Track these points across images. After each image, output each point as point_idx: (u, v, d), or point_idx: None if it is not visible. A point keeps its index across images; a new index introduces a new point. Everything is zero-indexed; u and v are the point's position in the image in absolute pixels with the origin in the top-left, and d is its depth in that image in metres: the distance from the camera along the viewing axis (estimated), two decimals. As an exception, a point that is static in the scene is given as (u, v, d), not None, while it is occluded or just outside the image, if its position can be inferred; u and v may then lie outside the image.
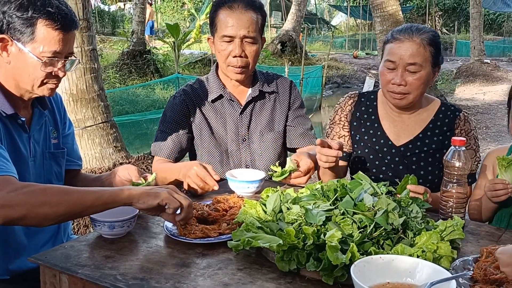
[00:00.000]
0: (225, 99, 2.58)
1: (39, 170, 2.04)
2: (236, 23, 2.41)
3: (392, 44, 2.30)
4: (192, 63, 16.63)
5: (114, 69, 14.57)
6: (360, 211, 1.67)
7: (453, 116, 2.43)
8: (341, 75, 18.45)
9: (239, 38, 2.41)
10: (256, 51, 2.48)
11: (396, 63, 2.27)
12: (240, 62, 2.44)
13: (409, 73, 2.27)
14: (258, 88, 2.59)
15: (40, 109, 2.05)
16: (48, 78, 1.89)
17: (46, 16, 1.80)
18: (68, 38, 1.86)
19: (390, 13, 9.55)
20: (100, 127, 4.66)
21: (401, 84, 2.27)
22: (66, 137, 2.24)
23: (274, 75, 2.72)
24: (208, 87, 2.60)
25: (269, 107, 2.63)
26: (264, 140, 2.61)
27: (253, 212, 1.84)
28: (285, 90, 2.67)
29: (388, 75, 2.31)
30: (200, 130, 2.58)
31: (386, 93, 2.36)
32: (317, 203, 1.78)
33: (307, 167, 2.25)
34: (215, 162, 2.58)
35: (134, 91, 12.45)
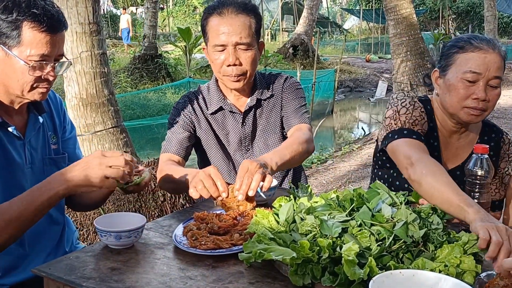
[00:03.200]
0: (226, 111, 2.48)
1: (39, 177, 1.97)
2: (227, 30, 2.26)
3: (473, 53, 2.04)
4: (204, 67, 16.62)
5: (125, 74, 14.63)
6: (378, 223, 1.59)
7: (497, 137, 2.29)
8: (353, 79, 18.35)
9: (232, 46, 2.26)
10: (252, 57, 2.32)
11: (482, 75, 2.02)
12: (236, 70, 2.30)
13: (490, 88, 2.05)
14: (256, 96, 2.47)
15: (35, 114, 1.98)
16: (38, 82, 1.81)
17: (31, 18, 1.71)
18: (56, 40, 1.78)
19: (404, 16, 9.44)
20: (110, 132, 4.61)
21: (485, 100, 2.04)
22: (67, 142, 2.17)
23: (272, 77, 2.57)
24: (209, 98, 2.50)
25: (266, 112, 2.52)
26: (266, 146, 2.51)
27: (265, 222, 1.76)
28: (279, 89, 2.53)
29: (469, 88, 2.05)
30: (206, 138, 2.51)
31: (461, 109, 2.08)
32: (333, 213, 1.70)
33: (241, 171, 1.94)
34: (222, 172, 2.52)
35: (145, 95, 12.47)
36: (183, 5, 33.86)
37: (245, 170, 1.93)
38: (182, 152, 2.44)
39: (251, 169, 1.93)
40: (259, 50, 2.40)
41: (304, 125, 2.45)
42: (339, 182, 6.11)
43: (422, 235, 1.55)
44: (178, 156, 2.43)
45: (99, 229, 1.70)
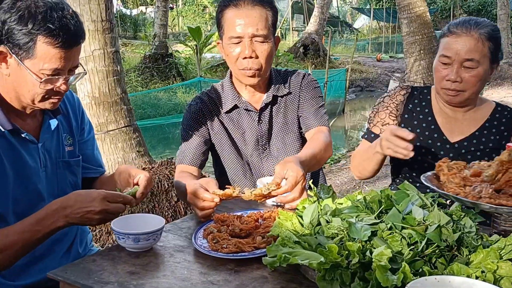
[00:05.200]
0: (241, 109, 2.42)
1: (52, 180, 1.93)
2: (244, 21, 2.21)
3: (448, 38, 2.20)
4: (214, 67, 16.59)
5: (136, 73, 14.62)
6: (409, 226, 1.52)
7: (510, 115, 2.34)
8: (364, 78, 18.23)
9: (248, 38, 2.22)
10: (268, 51, 2.26)
11: (452, 58, 2.17)
12: (252, 63, 2.24)
13: (465, 69, 2.17)
14: (272, 93, 2.41)
15: (50, 115, 1.93)
16: (50, 94, 1.76)
17: (46, 33, 1.64)
18: (71, 54, 1.71)
19: (418, 14, 9.34)
20: (123, 131, 4.55)
21: (456, 81, 2.18)
22: (85, 143, 2.12)
23: (288, 73, 2.51)
24: (223, 96, 2.44)
25: (282, 109, 2.45)
26: (283, 145, 2.45)
27: (289, 224, 1.70)
28: (297, 86, 2.46)
29: (442, 71, 2.21)
30: (220, 140, 2.45)
31: (440, 90, 2.27)
32: (360, 216, 1.63)
33: (294, 180, 1.87)
34: (237, 173, 2.47)
35: (156, 94, 12.45)
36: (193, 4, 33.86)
37: (295, 180, 1.89)
38: (197, 161, 2.39)
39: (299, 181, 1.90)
40: (275, 45, 2.35)
41: (325, 128, 2.40)
42: (353, 182, 6.02)
43: (456, 239, 1.47)
44: (193, 166, 2.38)
45: (117, 231, 1.65)
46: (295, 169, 1.89)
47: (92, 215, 1.67)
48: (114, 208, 1.69)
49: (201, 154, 2.40)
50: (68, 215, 1.68)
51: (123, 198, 1.72)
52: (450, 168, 1.74)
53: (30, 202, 1.83)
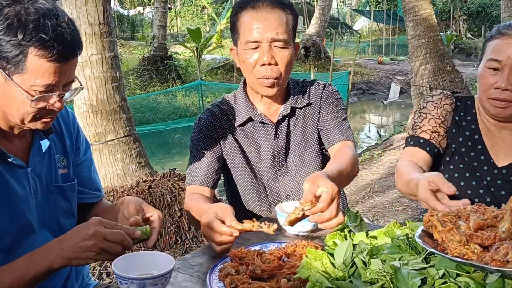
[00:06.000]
0: (256, 122, 2.20)
1: (43, 209, 1.69)
2: (262, 25, 2.01)
3: (498, 40, 1.94)
4: (214, 69, 16.37)
5: (134, 75, 14.41)
6: (465, 272, 1.28)
7: None
8: (366, 81, 18.03)
9: (267, 42, 2.01)
10: (288, 58, 2.06)
11: (503, 62, 1.91)
12: (270, 71, 2.03)
13: None
14: (291, 104, 2.19)
15: (41, 136, 1.69)
16: (42, 113, 1.54)
17: (39, 45, 1.41)
18: (66, 68, 1.49)
19: (423, 17, 9.11)
20: (122, 141, 4.30)
21: (507, 89, 1.90)
22: (81, 165, 1.88)
23: (307, 84, 2.29)
24: (236, 108, 2.22)
25: (301, 122, 2.23)
26: (302, 162, 2.23)
27: (318, 265, 1.47)
28: (318, 95, 2.25)
29: (490, 78, 1.94)
30: (232, 157, 2.23)
31: (486, 101, 1.99)
32: (404, 257, 1.40)
33: (330, 196, 1.62)
34: (251, 194, 2.25)
35: (155, 97, 12.25)
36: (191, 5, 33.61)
37: (330, 197, 1.62)
38: (209, 181, 2.17)
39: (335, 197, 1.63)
40: (295, 51, 2.13)
41: (350, 142, 2.18)
42: (362, 192, 5.80)
43: (524, 290, 1.24)
44: (204, 186, 2.17)
45: (119, 275, 1.42)
46: (329, 185, 1.63)
47: (85, 242, 1.44)
48: (111, 234, 1.46)
49: (214, 173, 2.19)
50: (63, 248, 1.46)
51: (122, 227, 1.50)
52: (443, 223, 1.35)
53: (18, 234, 1.61)
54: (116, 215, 1.72)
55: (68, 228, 1.63)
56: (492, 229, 1.31)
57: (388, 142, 8.59)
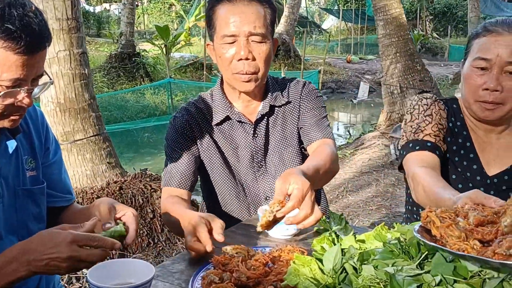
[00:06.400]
0: (234, 121, 2.13)
1: (10, 214, 1.58)
2: (239, 18, 1.94)
3: (485, 38, 1.81)
4: (183, 67, 16.20)
5: (101, 73, 14.16)
6: (462, 279, 1.23)
7: None
8: (335, 80, 18.12)
9: (244, 36, 1.94)
10: (267, 52, 1.98)
11: (492, 61, 1.78)
12: (248, 66, 1.95)
13: (507, 76, 1.78)
14: (269, 102, 2.12)
15: (7, 136, 1.58)
16: (9, 111, 1.43)
17: (5, 36, 1.30)
18: (35, 61, 1.39)
19: (394, 16, 9.17)
20: (92, 140, 4.15)
21: (496, 90, 1.78)
22: (51, 167, 1.77)
23: (286, 81, 2.22)
24: (213, 106, 2.14)
25: (280, 120, 2.16)
26: (282, 162, 2.16)
27: (307, 271, 1.40)
28: (297, 93, 2.18)
29: (478, 78, 1.81)
30: (209, 158, 2.14)
31: (473, 104, 1.86)
32: (397, 263, 1.33)
33: (301, 193, 1.54)
34: (230, 196, 2.17)
35: (123, 96, 12.03)
36: (159, 2, 33.23)
37: (301, 193, 1.53)
38: (186, 183, 2.08)
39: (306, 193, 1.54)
40: (273, 47, 2.06)
41: (329, 140, 2.11)
42: (336, 191, 5.78)
43: (523, 296, 1.19)
44: (182, 189, 2.08)
45: (95, 285, 1.32)
46: (299, 181, 1.55)
47: (58, 263, 1.33)
48: (87, 256, 1.35)
49: (191, 174, 2.10)
50: (30, 263, 1.34)
51: (100, 242, 1.37)
52: (441, 219, 1.30)
53: None
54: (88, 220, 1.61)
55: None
56: (492, 225, 1.25)
57: (359, 141, 8.61)
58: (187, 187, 2.08)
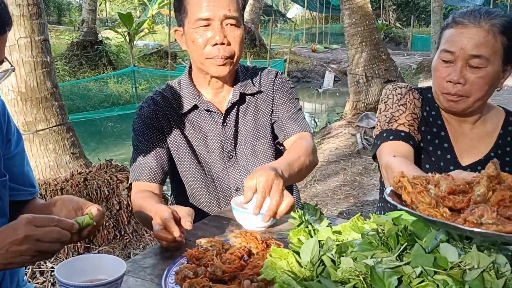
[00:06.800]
0: (202, 110, 2.08)
1: None
2: (213, 2, 1.91)
3: (452, 29, 1.82)
4: (147, 55, 15.95)
5: (63, 61, 13.84)
6: (443, 270, 1.21)
7: None
8: (301, 69, 18.14)
9: (219, 20, 1.91)
10: (240, 37, 1.96)
11: (456, 54, 1.78)
12: (223, 51, 1.92)
13: (470, 69, 1.78)
14: (239, 90, 2.08)
15: None
16: None
17: None
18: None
19: (359, 5, 9.19)
20: (55, 130, 4.01)
21: (459, 83, 1.79)
22: (12, 159, 1.68)
23: (257, 70, 2.19)
24: (180, 95, 2.09)
25: (252, 111, 2.12)
26: (253, 153, 2.12)
27: (284, 264, 1.37)
28: (270, 83, 2.14)
29: (443, 70, 1.82)
30: (177, 149, 2.09)
31: (440, 95, 1.87)
32: (376, 254, 1.31)
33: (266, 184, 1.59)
34: (199, 188, 2.11)
35: (85, 84, 11.79)
36: (121, -11, 32.61)
37: (267, 184, 1.58)
38: (157, 177, 2.03)
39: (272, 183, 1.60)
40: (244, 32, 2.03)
41: (306, 133, 2.09)
42: (304, 181, 5.77)
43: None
44: (152, 183, 2.02)
45: (63, 282, 1.26)
46: (263, 174, 1.62)
47: (17, 246, 1.27)
48: (44, 235, 1.28)
49: (161, 167, 2.04)
50: None
51: (58, 222, 1.31)
52: (413, 185, 1.30)
53: None
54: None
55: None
56: (463, 195, 1.26)
57: (326, 130, 8.63)
58: (157, 180, 2.02)
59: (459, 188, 1.26)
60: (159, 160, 2.03)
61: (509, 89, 10.01)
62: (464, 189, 1.26)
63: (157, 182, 2.02)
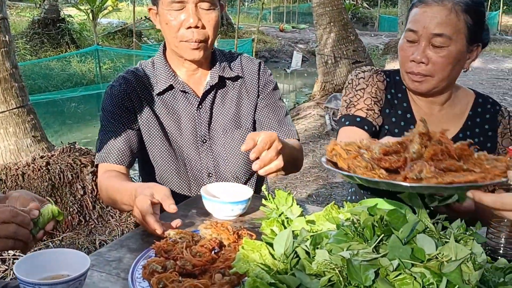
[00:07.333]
0: (177, 91, 2.02)
1: None
2: None
3: (417, 9, 1.79)
4: (111, 34, 15.61)
5: (23, 40, 13.41)
6: (420, 262, 1.18)
7: (493, 109, 1.96)
8: (269, 49, 18.03)
9: (193, 3, 1.86)
10: (215, 20, 1.91)
11: (419, 33, 1.76)
12: (197, 34, 1.88)
13: (433, 49, 1.76)
14: (218, 73, 2.03)
15: None
16: None
17: None
18: None
19: (328, -15, 9.13)
20: (15, 113, 3.84)
21: (422, 62, 1.78)
22: None
23: (237, 55, 2.16)
24: (154, 75, 2.03)
25: (234, 97, 2.08)
26: (230, 140, 2.07)
27: (257, 257, 1.32)
28: (253, 74, 2.12)
29: (407, 49, 1.81)
30: (148, 130, 2.02)
31: (405, 75, 1.86)
32: (352, 246, 1.27)
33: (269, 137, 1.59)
34: (170, 171, 2.05)
35: (47, 64, 11.46)
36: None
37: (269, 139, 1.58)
38: (125, 160, 1.97)
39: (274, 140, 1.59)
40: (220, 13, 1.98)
41: (296, 142, 2.09)
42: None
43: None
44: (120, 165, 1.95)
45: (22, 280, 1.19)
46: (268, 132, 1.61)
47: None
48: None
49: (130, 150, 1.98)
50: None
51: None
52: (347, 151, 1.35)
53: None
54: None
55: None
56: (396, 155, 1.30)
57: (294, 111, 8.60)
58: (125, 163, 1.96)
59: (392, 148, 1.30)
60: (128, 142, 1.97)
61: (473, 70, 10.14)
62: (397, 149, 1.30)
63: (124, 165, 1.96)
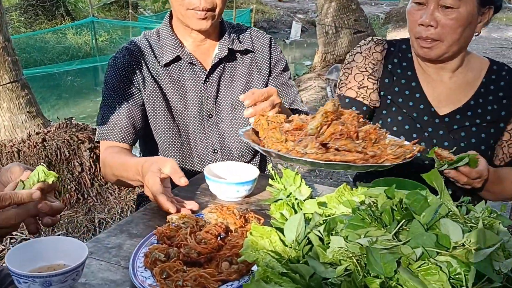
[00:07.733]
0: (184, 62, 1.93)
1: None
2: None
3: None
4: (107, 5, 15.36)
5: (17, 12, 13.16)
6: (445, 250, 1.09)
7: (509, 76, 1.89)
8: (267, 19, 17.75)
9: None
10: None
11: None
12: (204, 2, 1.79)
13: (442, 11, 1.72)
14: (227, 45, 1.94)
15: None
16: None
17: None
18: None
19: (329, -48, 8.89)
20: (8, 88, 3.73)
21: (431, 25, 1.72)
22: None
23: (247, 29, 2.07)
24: (160, 46, 1.93)
25: (243, 72, 2.00)
26: (237, 117, 1.99)
27: (266, 243, 1.23)
28: (264, 48, 2.03)
29: (415, 13, 1.77)
30: (152, 104, 1.92)
31: (414, 41, 1.81)
32: (370, 233, 1.17)
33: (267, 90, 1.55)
34: (173, 146, 1.97)
35: (42, 36, 11.27)
36: None
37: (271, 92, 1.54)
38: (128, 137, 1.89)
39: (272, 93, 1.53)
40: None
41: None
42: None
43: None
44: (122, 143, 1.88)
45: (14, 272, 1.10)
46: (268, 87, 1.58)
47: None
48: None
49: (133, 126, 1.90)
50: None
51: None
52: (269, 122, 1.45)
53: None
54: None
55: None
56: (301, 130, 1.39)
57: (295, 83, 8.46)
58: (128, 141, 1.89)
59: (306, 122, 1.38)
60: (131, 118, 1.88)
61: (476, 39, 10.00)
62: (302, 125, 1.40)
63: (127, 143, 1.89)
